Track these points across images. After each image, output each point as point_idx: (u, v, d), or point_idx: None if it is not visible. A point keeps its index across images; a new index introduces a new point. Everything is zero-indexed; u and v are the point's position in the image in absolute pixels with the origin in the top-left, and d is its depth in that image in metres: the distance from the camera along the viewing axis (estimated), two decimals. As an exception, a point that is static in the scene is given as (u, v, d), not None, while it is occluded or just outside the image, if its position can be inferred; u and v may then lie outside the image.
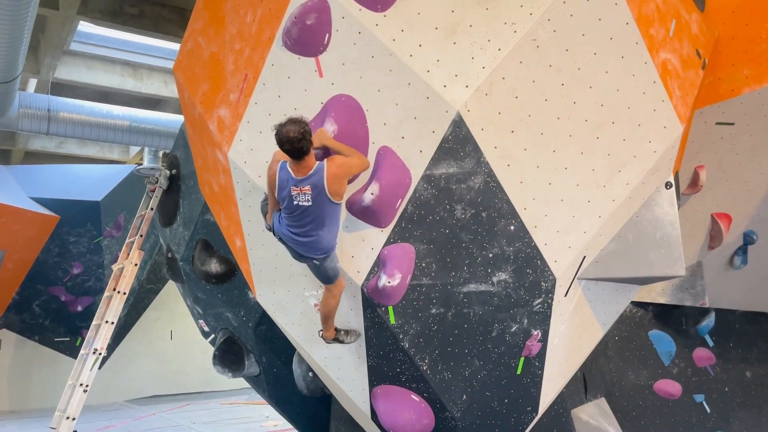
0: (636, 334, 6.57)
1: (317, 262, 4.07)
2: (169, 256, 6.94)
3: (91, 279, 13.32)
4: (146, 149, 13.58)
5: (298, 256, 4.12)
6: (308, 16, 3.99)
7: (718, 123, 5.49)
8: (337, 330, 4.54)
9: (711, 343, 6.66)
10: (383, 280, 4.20)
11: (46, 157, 16.56)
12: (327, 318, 4.44)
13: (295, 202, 3.84)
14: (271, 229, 4.23)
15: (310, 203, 3.81)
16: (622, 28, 4.12)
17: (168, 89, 14.04)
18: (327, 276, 4.19)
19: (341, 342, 4.57)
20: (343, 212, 4.25)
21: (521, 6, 3.92)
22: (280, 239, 4.12)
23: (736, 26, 5.30)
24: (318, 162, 3.84)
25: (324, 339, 4.57)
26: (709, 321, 6.55)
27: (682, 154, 4.97)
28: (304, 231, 3.93)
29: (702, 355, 6.65)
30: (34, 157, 16.73)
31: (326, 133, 4.01)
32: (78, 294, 13.42)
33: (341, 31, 4.01)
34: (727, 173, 5.72)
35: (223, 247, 5.86)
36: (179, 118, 12.66)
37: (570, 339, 4.87)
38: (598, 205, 4.38)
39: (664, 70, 4.40)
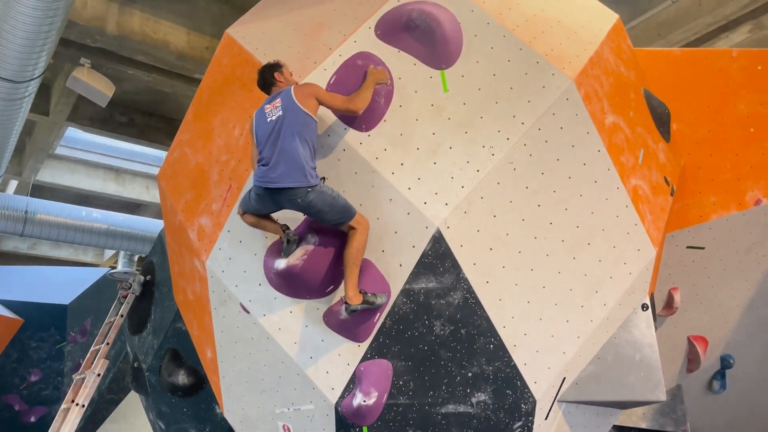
0: (619, 462, 6.32)
1: (309, 197, 3.76)
2: (135, 365, 6.65)
3: (49, 387, 12.60)
4: (122, 253, 13.42)
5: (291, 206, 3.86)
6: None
7: (689, 247, 5.63)
8: (363, 292, 3.90)
9: (695, 472, 6.42)
10: (359, 399, 4.05)
11: (17, 259, 16.26)
12: (355, 267, 3.86)
13: (268, 120, 3.97)
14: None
15: (281, 112, 3.92)
16: (594, 155, 4.33)
17: (150, 194, 14.13)
18: (339, 212, 3.86)
19: (371, 303, 3.91)
20: (320, 323, 4.16)
21: (499, 131, 4.12)
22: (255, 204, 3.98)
23: (701, 156, 5.60)
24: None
25: (348, 309, 3.88)
26: (692, 448, 6.36)
27: (656, 276, 5.05)
28: (279, 148, 3.84)
29: (687, 485, 6.39)
30: (4, 258, 16.41)
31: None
32: (33, 404, 12.62)
33: (326, 147, 4.14)
34: (701, 296, 5.79)
35: (193, 357, 5.65)
36: (158, 223, 12.63)
37: (551, 466, 4.66)
38: (577, 325, 4.37)
39: (635, 195, 4.58)
